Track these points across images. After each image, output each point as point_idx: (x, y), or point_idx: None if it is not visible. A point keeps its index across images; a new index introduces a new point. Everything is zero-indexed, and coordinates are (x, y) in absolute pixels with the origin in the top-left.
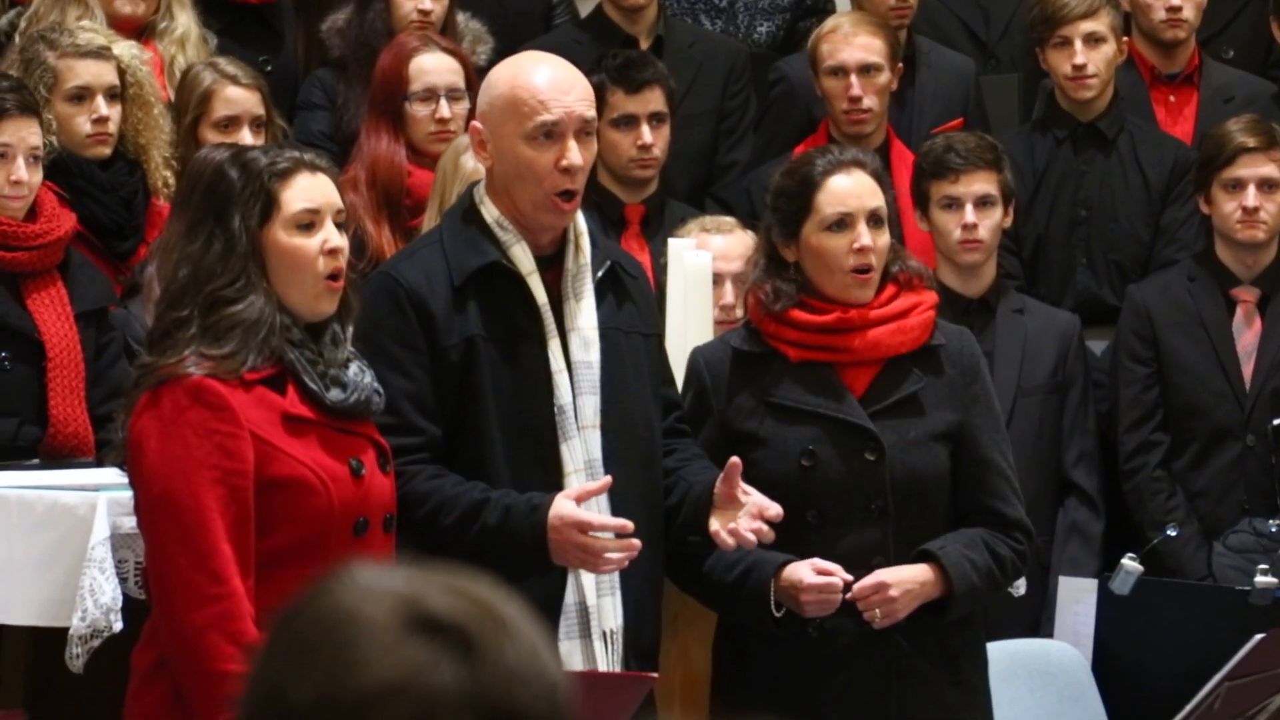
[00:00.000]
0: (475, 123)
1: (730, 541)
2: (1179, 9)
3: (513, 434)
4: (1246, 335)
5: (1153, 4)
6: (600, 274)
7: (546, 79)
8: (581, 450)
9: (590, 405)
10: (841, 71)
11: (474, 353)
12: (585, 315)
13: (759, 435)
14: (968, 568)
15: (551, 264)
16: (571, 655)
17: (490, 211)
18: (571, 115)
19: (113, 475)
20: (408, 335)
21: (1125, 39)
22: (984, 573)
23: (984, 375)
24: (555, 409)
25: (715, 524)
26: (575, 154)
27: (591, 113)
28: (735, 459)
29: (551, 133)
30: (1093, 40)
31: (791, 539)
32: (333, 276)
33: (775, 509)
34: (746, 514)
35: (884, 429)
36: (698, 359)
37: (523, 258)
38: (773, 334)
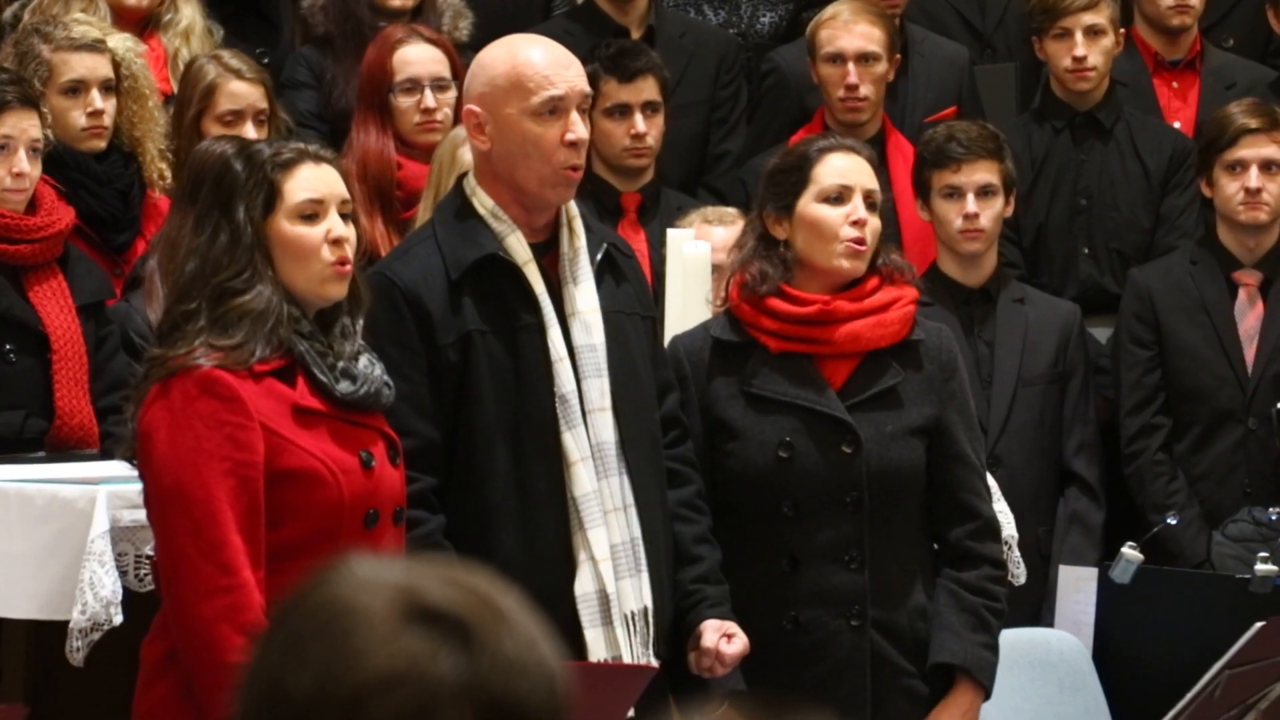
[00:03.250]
0: (471, 106)
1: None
2: None
3: (514, 425)
4: (1249, 318)
5: None
6: (599, 257)
7: (545, 56)
8: (585, 438)
9: (596, 388)
10: (839, 59)
11: (471, 349)
12: (585, 298)
13: (737, 426)
14: (987, 656)
15: (546, 250)
16: (595, 643)
17: (484, 202)
18: (574, 89)
19: (116, 468)
20: (404, 336)
21: (1122, 30)
22: (995, 642)
23: (960, 372)
24: (557, 398)
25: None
26: (580, 128)
27: (589, 88)
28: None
29: (557, 108)
30: (1093, 32)
31: (768, 531)
32: (339, 263)
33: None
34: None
35: (861, 422)
36: (677, 347)
37: (518, 247)
38: (752, 323)
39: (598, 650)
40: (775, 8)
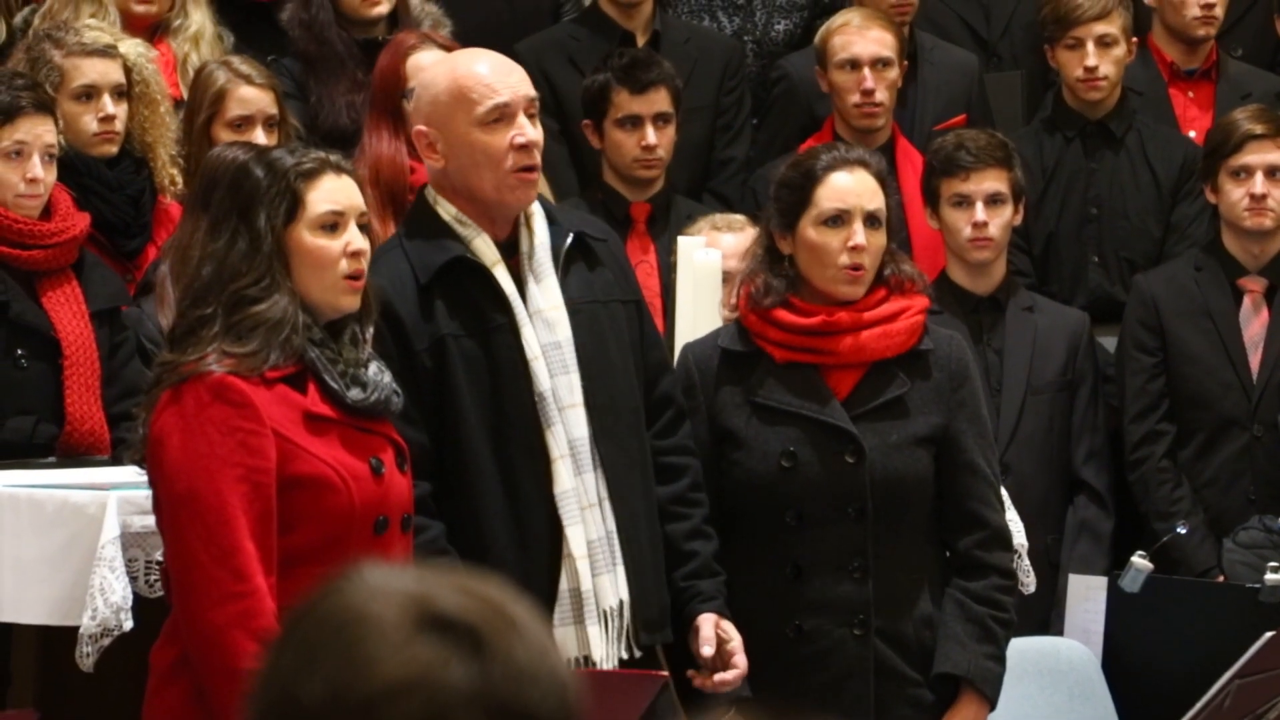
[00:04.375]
0: (419, 127)
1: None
2: (1212, 5)
3: (496, 426)
4: (1254, 325)
5: (1187, 1)
6: (567, 246)
7: (486, 66)
8: (563, 434)
9: (565, 385)
10: (854, 65)
11: (445, 353)
12: (547, 295)
13: (741, 435)
14: (992, 667)
15: (515, 250)
16: (565, 641)
17: (447, 209)
18: (519, 95)
19: (126, 474)
20: (379, 345)
21: (1135, 39)
22: (1001, 653)
23: (973, 380)
24: (535, 396)
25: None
26: (530, 129)
27: (534, 92)
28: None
29: (503, 115)
30: (1105, 42)
31: (771, 540)
32: (354, 276)
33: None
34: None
35: (866, 432)
36: (688, 355)
37: (485, 250)
38: (759, 333)
39: (566, 650)
40: (790, 15)
